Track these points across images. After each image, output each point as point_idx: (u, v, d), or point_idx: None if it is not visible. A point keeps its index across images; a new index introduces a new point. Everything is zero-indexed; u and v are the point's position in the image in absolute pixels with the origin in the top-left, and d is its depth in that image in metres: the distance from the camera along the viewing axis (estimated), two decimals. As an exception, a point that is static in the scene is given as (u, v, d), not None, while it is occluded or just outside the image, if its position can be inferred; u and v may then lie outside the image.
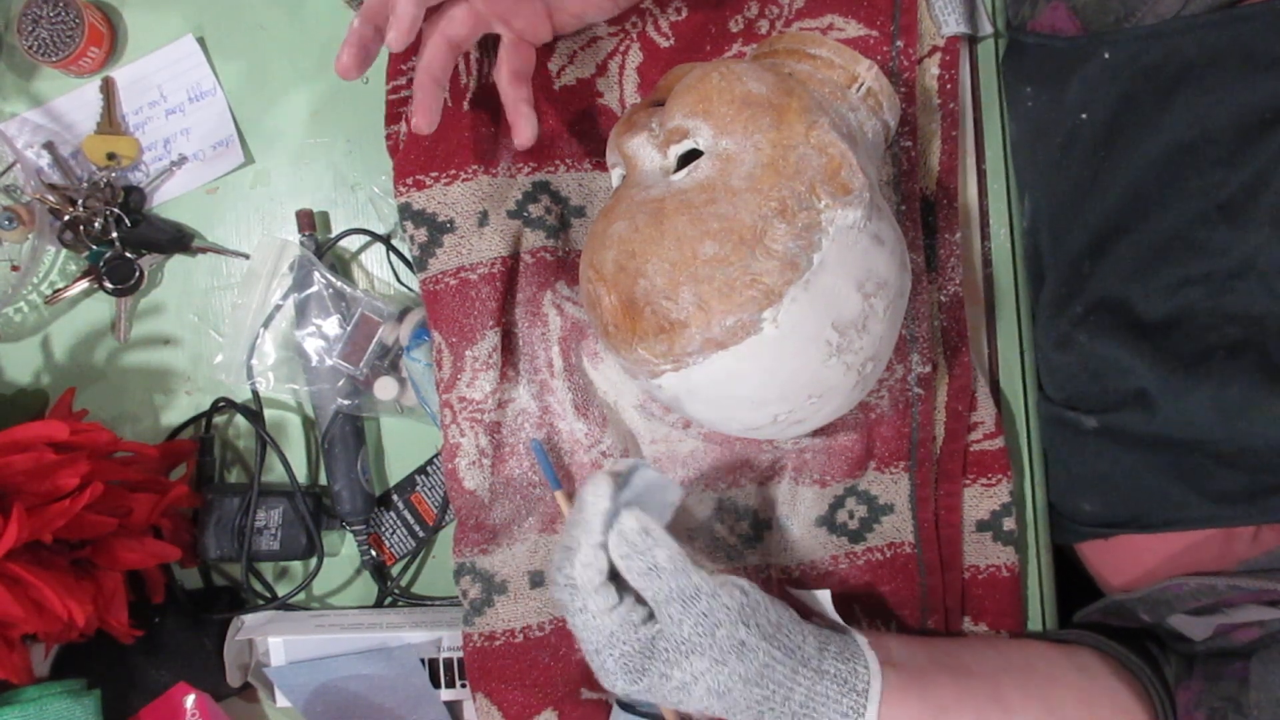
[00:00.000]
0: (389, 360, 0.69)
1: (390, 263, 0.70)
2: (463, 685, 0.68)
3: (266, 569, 0.72)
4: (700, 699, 0.51)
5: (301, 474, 0.71)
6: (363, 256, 0.71)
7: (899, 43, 0.63)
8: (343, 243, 0.70)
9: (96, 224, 0.68)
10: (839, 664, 0.53)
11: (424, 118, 0.56)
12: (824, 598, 0.57)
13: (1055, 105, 0.61)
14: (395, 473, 0.71)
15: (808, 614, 0.58)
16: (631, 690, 0.51)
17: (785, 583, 0.64)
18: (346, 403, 0.67)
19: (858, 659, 0.53)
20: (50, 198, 0.68)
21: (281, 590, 0.72)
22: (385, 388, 0.67)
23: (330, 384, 0.68)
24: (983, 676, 0.57)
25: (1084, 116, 0.59)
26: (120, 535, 0.62)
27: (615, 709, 0.63)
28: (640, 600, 0.52)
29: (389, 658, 0.65)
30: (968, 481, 0.65)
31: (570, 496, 0.63)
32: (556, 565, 0.52)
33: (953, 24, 0.63)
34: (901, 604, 0.65)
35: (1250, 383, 0.52)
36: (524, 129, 0.60)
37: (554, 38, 0.63)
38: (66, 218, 0.68)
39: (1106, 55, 0.56)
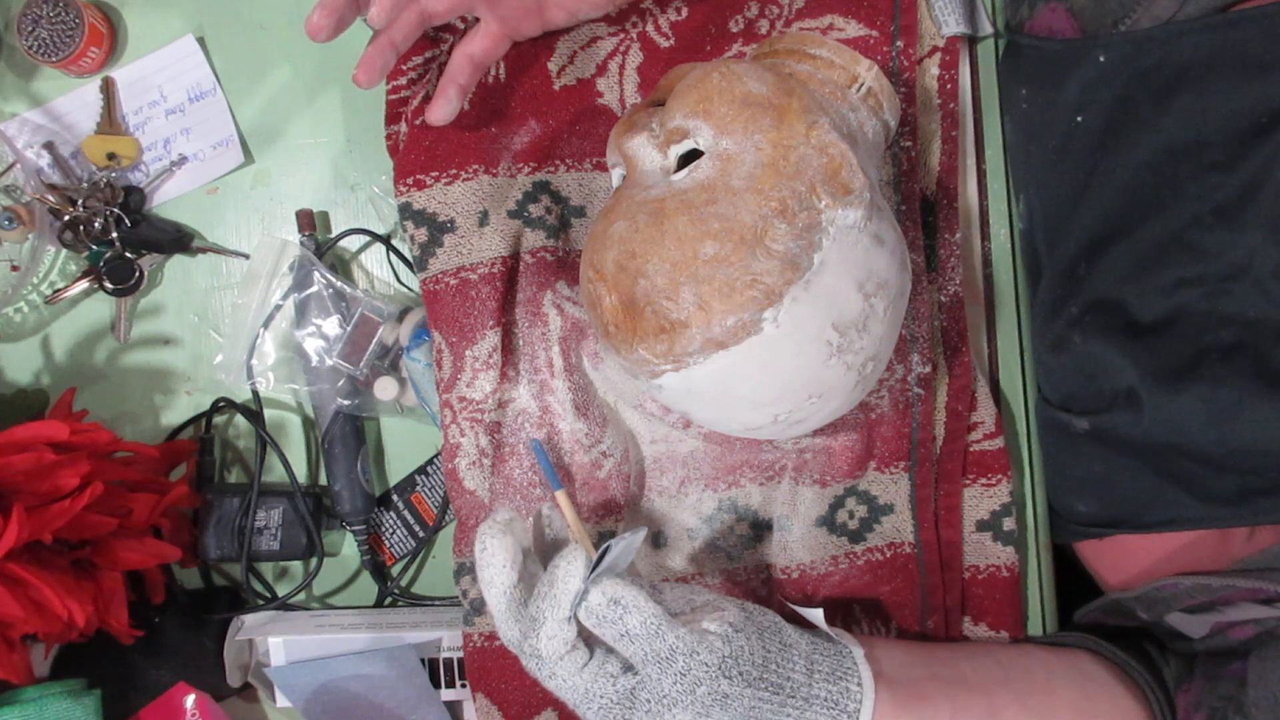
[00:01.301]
0: (389, 360, 0.69)
1: (390, 263, 0.70)
2: (463, 685, 0.68)
3: (266, 569, 0.72)
4: None
5: (301, 474, 0.71)
6: (363, 256, 0.71)
7: (899, 43, 0.63)
8: (343, 243, 0.70)
9: (96, 224, 0.68)
10: (829, 685, 0.52)
11: (365, 71, 0.56)
12: (816, 616, 0.57)
13: (1051, 107, 0.61)
14: (395, 473, 0.71)
15: (802, 618, 0.57)
16: None
17: (785, 583, 0.64)
18: (346, 403, 0.67)
19: (850, 677, 0.53)
20: (50, 198, 0.68)
21: (281, 590, 0.72)
22: (385, 388, 0.67)
23: (330, 384, 0.68)
24: (980, 690, 0.57)
25: (1079, 119, 0.59)
26: (120, 535, 0.62)
27: None
28: (613, 650, 0.51)
29: (389, 658, 0.65)
30: (968, 481, 0.65)
31: (571, 497, 0.63)
32: (522, 634, 0.50)
33: (953, 24, 0.63)
34: (901, 604, 0.65)
35: (1242, 386, 0.53)
36: (440, 107, 0.59)
37: (544, 32, 0.63)
38: (66, 218, 0.68)
39: (1102, 58, 0.57)
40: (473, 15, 0.60)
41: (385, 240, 0.70)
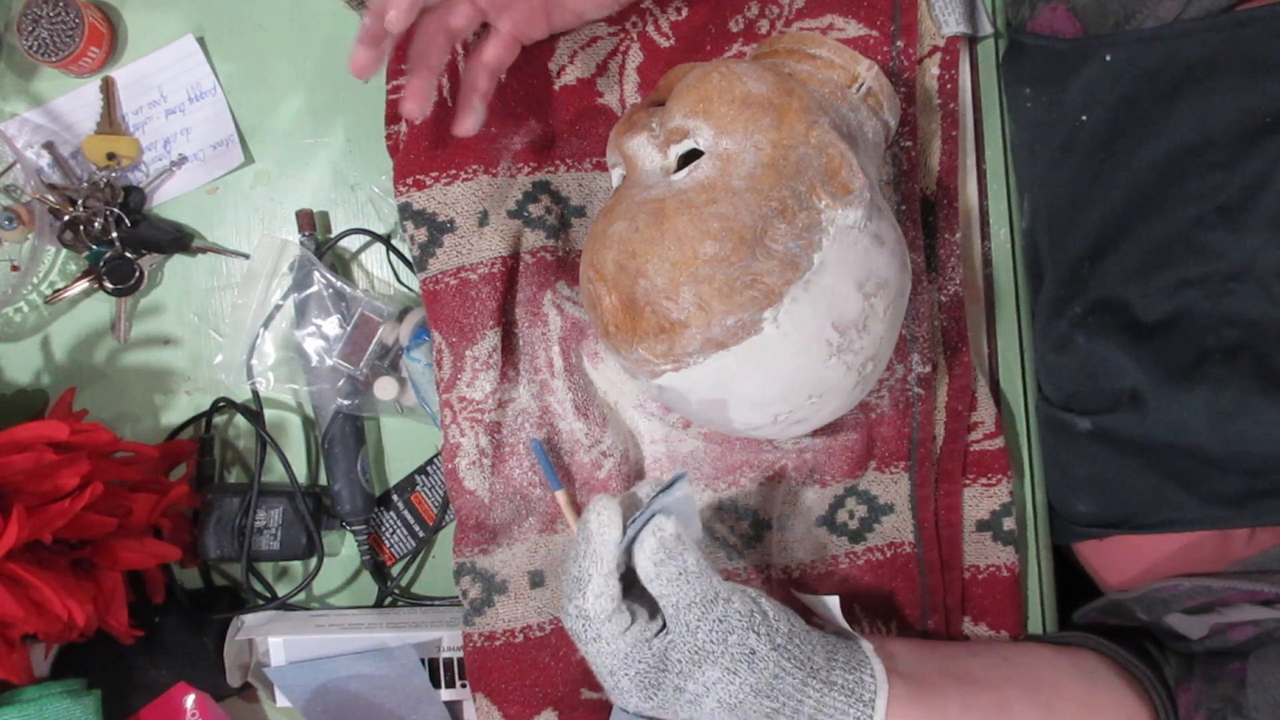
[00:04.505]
0: (389, 360, 0.69)
1: (390, 263, 0.70)
2: (463, 685, 0.68)
3: (266, 569, 0.72)
4: (712, 712, 0.50)
5: (301, 474, 0.71)
6: (363, 256, 0.71)
7: (899, 43, 0.63)
8: (343, 243, 0.70)
9: (96, 224, 0.68)
10: (846, 674, 0.52)
11: (416, 102, 0.56)
12: (833, 604, 0.57)
13: (1055, 106, 0.61)
14: (395, 473, 0.71)
15: (810, 616, 0.58)
16: (644, 708, 0.51)
17: (786, 583, 0.64)
18: (346, 403, 0.67)
19: (864, 668, 0.53)
20: (50, 198, 0.68)
21: (281, 590, 0.72)
22: (385, 388, 0.67)
23: (330, 384, 0.68)
24: (988, 685, 0.57)
25: (1084, 118, 0.59)
26: (120, 535, 0.62)
27: (615, 709, 0.63)
28: (651, 615, 0.52)
29: (389, 658, 0.65)
30: (968, 481, 0.65)
31: (571, 497, 0.63)
32: (566, 596, 0.51)
33: (953, 24, 0.63)
34: (902, 604, 0.65)
35: (1245, 387, 0.53)
36: (466, 119, 0.59)
37: (551, 35, 0.63)
38: (66, 218, 0.68)
39: (1107, 57, 0.57)
40: (484, 22, 0.60)
41: (385, 240, 0.70)
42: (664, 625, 0.51)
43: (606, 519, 0.50)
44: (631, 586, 0.52)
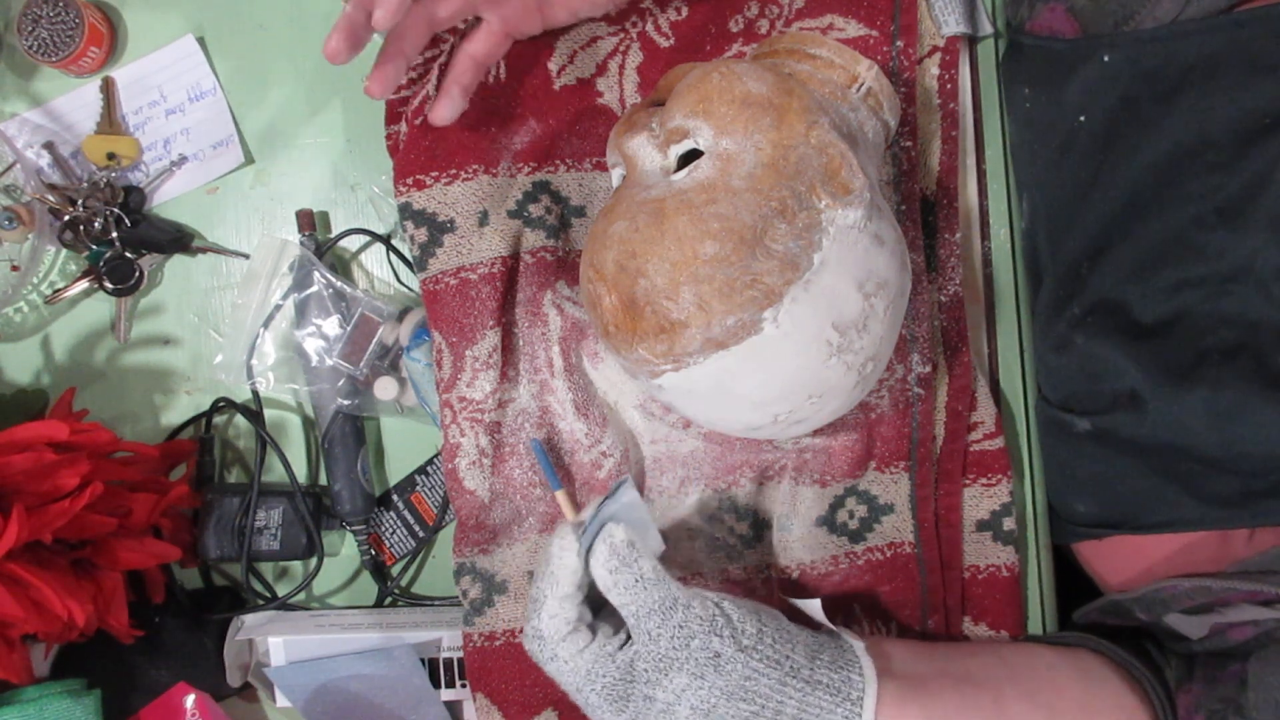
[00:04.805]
0: (389, 360, 0.69)
1: (390, 263, 0.70)
2: (463, 685, 0.68)
3: (266, 569, 0.72)
4: (687, 719, 0.50)
5: (301, 474, 0.71)
6: (363, 256, 0.71)
7: (899, 43, 0.63)
8: (343, 243, 0.70)
9: (96, 224, 0.68)
10: (831, 673, 0.52)
11: (378, 84, 0.56)
12: (814, 607, 0.57)
13: (1053, 107, 0.61)
14: (395, 473, 0.71)
15: (804, 619, 0.57)
16: None
17: (785, 583, 0.64)
18: (346, 403, 0.67)
19: (851, 667, 0.53)
20: (50, 198, 0.68)
21: (281, 590, 0.72)
22: (385, 388, 0.67)
23: (330, 384, 0.68)
24: (986, 686, 0.57)
25: (1082, 119, 0.59)
26: (120, 535, 0.62)
27: None
28: (614, 630, 0.52)
29: (389, 658, 0.65)
30: (968, 481, 0.65)
31: (571, 497, 0.63)
32: (525, 618, 0.52)
33: (953, 24, 0.63)
34: (902, 604, 0.65)
35: (1244, 388, 0.53)
36: (444, 107, 0.59)
37: (545, 31, 0.63)
38: (66, 218, 0.68)
39: (1105, 58, 0.57)
40: (473, 15, 0.60)
41: (385, 240, 0.70)
42: (629, 638, 0.51)
43: (567, 543, 0.51)
44: (603, 606, 0.53)
